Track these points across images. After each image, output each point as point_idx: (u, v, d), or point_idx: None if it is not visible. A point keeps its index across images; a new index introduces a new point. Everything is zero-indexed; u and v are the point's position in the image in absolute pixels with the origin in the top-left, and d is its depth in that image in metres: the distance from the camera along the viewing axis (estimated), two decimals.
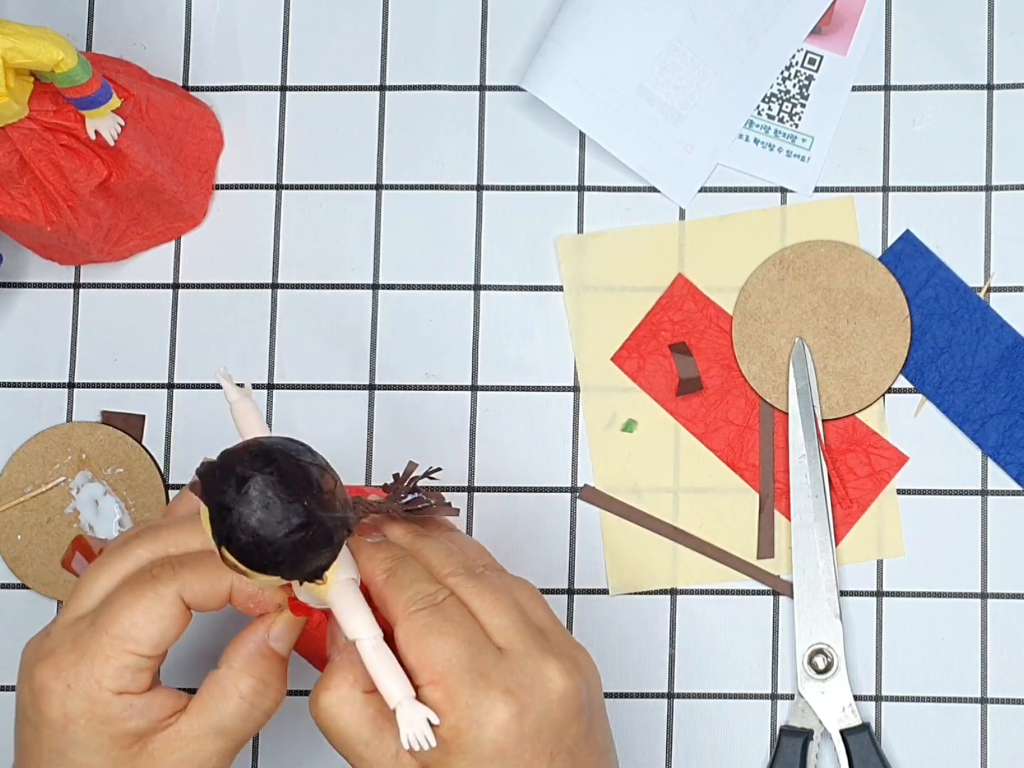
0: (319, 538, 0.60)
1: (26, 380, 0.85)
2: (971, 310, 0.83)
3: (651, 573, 0.83)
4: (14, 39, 0.70)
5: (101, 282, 0.86)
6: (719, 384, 0.83)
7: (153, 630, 0.64)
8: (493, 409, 0.84)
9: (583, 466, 0.83)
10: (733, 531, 0.83)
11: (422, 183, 0.85)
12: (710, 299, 0.84)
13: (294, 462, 0.60)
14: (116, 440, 0.84)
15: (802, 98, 0.85)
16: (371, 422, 0.84)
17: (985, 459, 0.82)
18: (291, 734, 0.82)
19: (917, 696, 0.82)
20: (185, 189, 0.83)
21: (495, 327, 0.84)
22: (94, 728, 0.64)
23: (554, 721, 0.64)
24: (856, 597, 0.82)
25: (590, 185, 0.85)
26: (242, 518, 0.59)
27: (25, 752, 0.65)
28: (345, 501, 0.62)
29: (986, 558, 0.82)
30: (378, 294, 0.85)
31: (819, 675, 0.81)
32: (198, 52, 0.87)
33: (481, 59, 0.86)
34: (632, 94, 0.84)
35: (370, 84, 0.86)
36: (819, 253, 0.84)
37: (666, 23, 0.84)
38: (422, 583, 0.65)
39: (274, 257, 0.86)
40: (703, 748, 0.82)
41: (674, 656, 0.82)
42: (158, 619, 0.64)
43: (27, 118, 0.74)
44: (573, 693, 0.64)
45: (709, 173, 0.85)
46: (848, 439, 0.83)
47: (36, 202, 0.77)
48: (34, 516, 0.84)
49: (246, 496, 0.59)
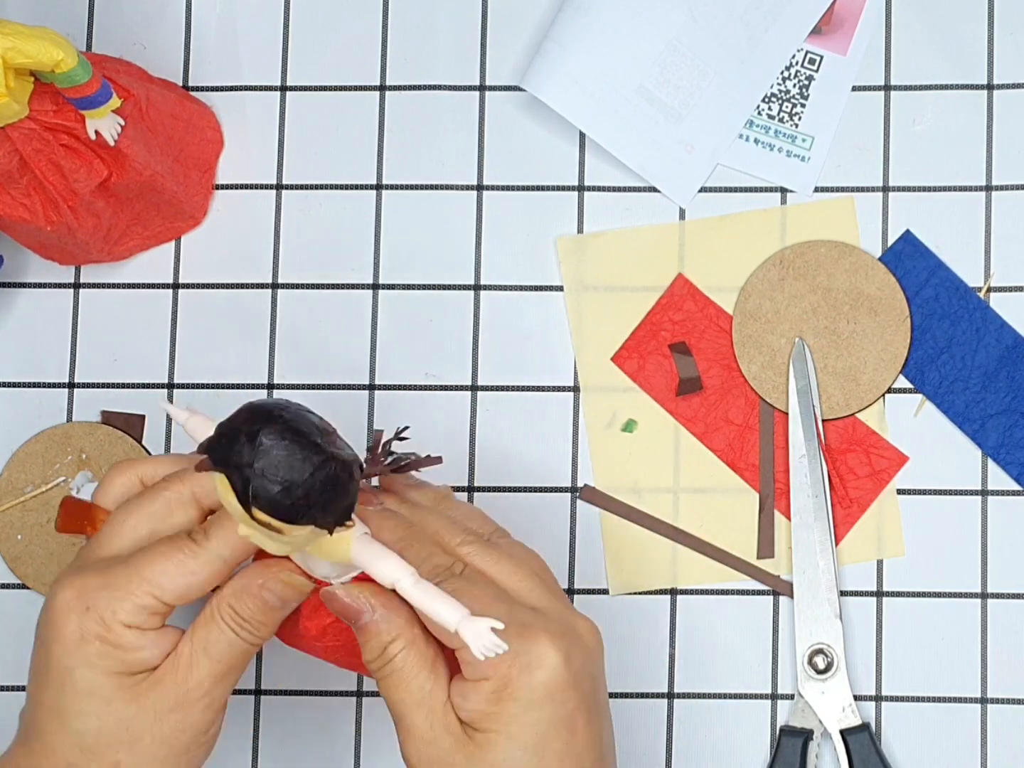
0: (341, 473, 0.61)
1: (26, 380, 0.85)
2: (971, 310, 0.83)
3: (651, 573, 0.83)
4: (14, 39, 0.70)
5: (101, 282, 0.86)
6: (719, 384, 0.83)
7: (181, 583, 0.66)
8: (493, 409, 0.84)
9: (583, 466, 0.83)
10: (733, 531, 0.83)
11: (422, 183, 0.85)
12: (710, 299, 0.84)
13: (293, 410, 0.61)
14: (116, 440, 0.84)
15: (802, 98, 0.85)
16: (371, 421, 0.84)
17: (985, 459, 0.82)
18: (291, 734, 0.82)
19: (917, 696, 0.82)
20: (185, 189, 0.83)
21: (495, 327, 0.84)
22: (106, 651, 0.66)
23: (590, 674, 0.67)
24: (856, 597, 0.82)
25: (590, 185, 0.85)
26: (265, 470, 0.60)
27: (36, 675, 0.68)
28: (344, 441, 0.63)
29: (986, 558, 0.82)
30: (378, 294, 0.85)
31: (819, 675, 0.81)
32: (198, 52, 0.87)
33: (481, 59, 0.86)
34: (632, 94, 0.84)
35: (370, 84, 0.86)
36: (819, 253, 0.84)
37: (666, 23, 0.84)
38: (437, 556, 0.68)
39: (274, 257, 0.86)
40: (703, 748, 0.82)
41: (674, 656, 0.82)
42: (189, 574, 0.66)
43: (27, 118, 0.74)
44: (600, 651, 0.68)
45: (709, 173, 0.85)
46: (848, 439, 0.83)
47: (36, 202, 0.77)
48: (34, 516, 0.84)
49: (262, 448, 0.60)
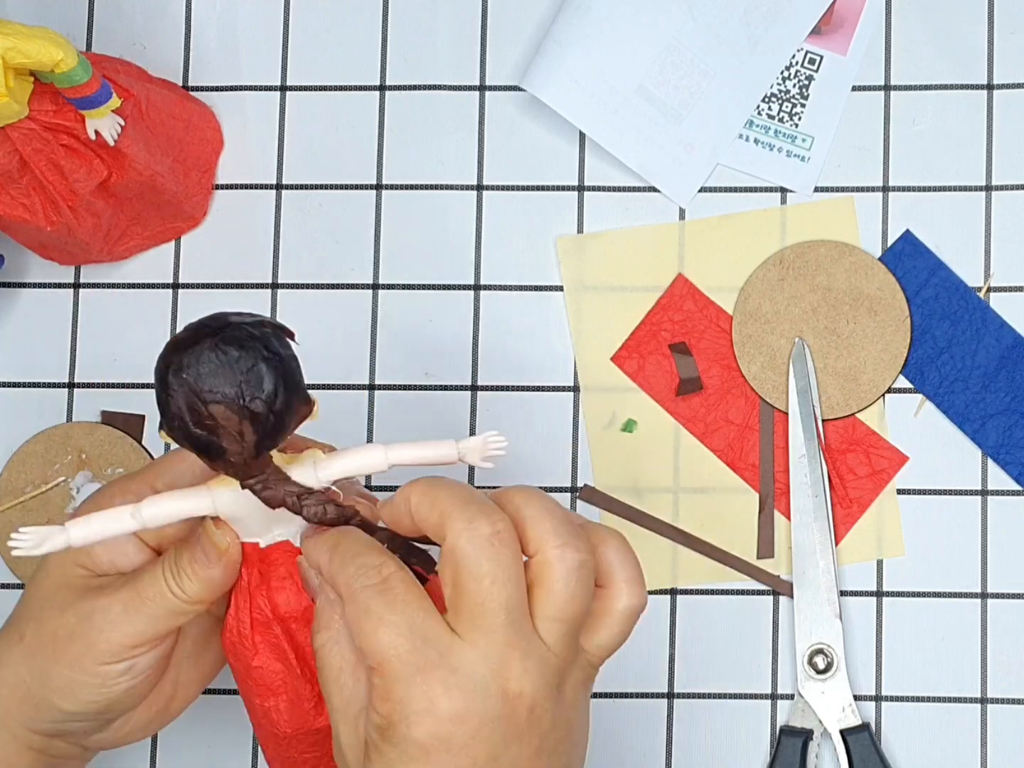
0: (290, 367, 0.58)
1: (26, 380, 0.85)
2: (971, 310, 0.83)
3: (651, 573, 0.83)
4: (14, 39, 0.70)
5: (101, 282, 0.86)
6: (719, 384, 0.83)
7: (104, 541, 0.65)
8: (493, 409, 0.84)
9: (583, 466, 0.83)
10: (733, 531, 0.83)
11: (422, 183, 0.85)
12: (710, 299, 0.84)
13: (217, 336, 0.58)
14: (116, 440, 0.84)
15: (802, 98, 0.85)
16: (371, 422, 0.84)
17: (985, 459, 0.82)
18: None
19: (917, 696, 0.82)
20: (185, 189, 0.83)
21: (495, 327, 0.84)
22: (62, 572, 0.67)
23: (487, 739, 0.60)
24: (856, 597, 0.82)
25: (590, 185, 0.85)
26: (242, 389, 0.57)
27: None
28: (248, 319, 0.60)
29: (986, 558, 0.82)
30: (378, 294, 0.85)
31: (819, 675, 0.81)
32: (198, 52, 0.87)
33: (481, 59, 0.86)
34: (632, 94, 0.84)
35: (370, 84, 0.86)
36: (819, 253, 0.84)
37: (666, 23, 0.84)
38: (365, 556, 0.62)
39: (274, 257, 0.86)
40: (703, 748, 0.82)
41: (674, 656, 0.82)
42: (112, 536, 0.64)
43: (27, 118, 0.74)
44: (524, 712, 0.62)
45: (709, 173, 0.85)
46: (848, 439, 0.83)
47: (36, 202, 0.77)
48: (34, 516, 0.84)
49: (202, 357, 0.57)
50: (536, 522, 0.60)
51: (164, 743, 0.83)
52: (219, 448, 0.59)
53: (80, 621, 0.66)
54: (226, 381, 0.58)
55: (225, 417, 0.58)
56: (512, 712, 0.59)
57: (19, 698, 0.67)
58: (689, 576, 0.83)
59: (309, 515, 0.62)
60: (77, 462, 0.84)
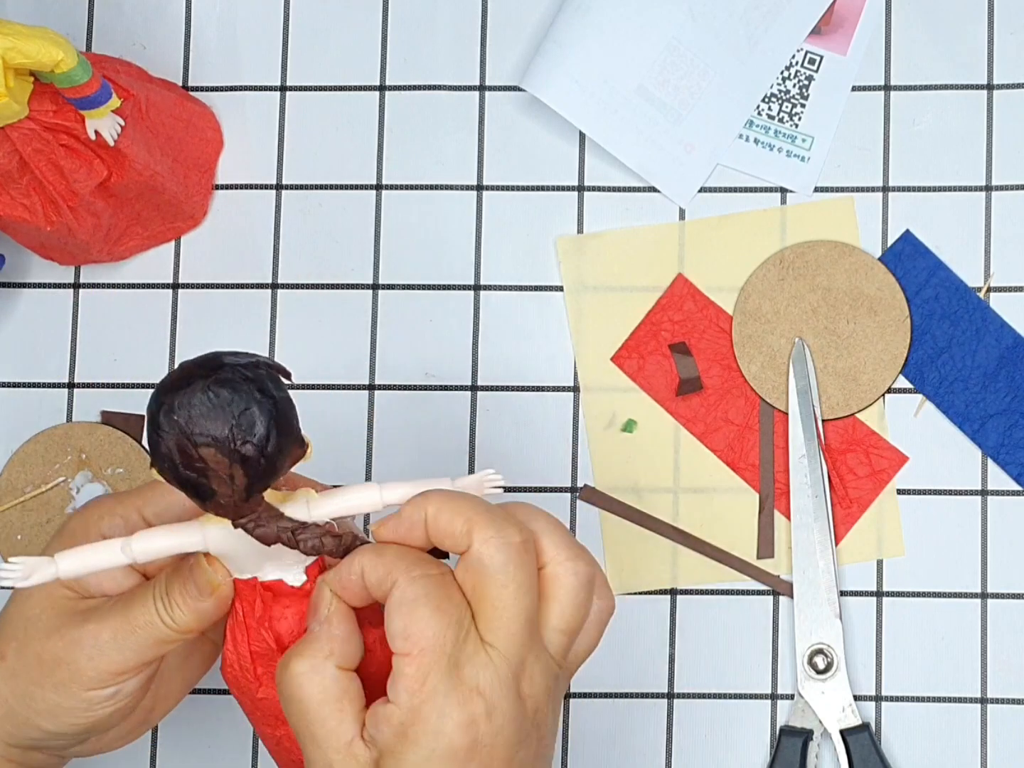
0: (284, 409, 0.58)
1: (26, 380, 0.85)
2: (971, 310, 0.83)
3: (651, 573, 0.83)
4: (14, 39, 0.70)
5: (101, 282, 0.86)
6: (719, 384, 0.83)
7: (87, 567, 0.64)
8: (493, 409, 0.84)
9: (583, 466, 0.83)
10: (733, 531, 0.83)
11: (422, 183, 0.85)
12: (710, 299, 0.84)
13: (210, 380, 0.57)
14: (116, 440, 0.84)
15: (802, 98, 0.85)
16: (371, 422, 0.84)
17: (985, 459, 0.82)
18: None
19: (917, 696, 0.82)
20: (185, 189, 0.83)
21: (495, 327, 0.84)
22: (47, 593, 0.67)
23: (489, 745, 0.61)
24: (856, 597, 0.82)
25: (590, 185, 0.85)
26: (234, 432, 0.56)
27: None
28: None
29: (986, 558, 0.82)
30: (378, 294, 0.85)
31: (819, 675, 0.81)
32: (198, 52, 0.87)
33: (481, 59, 0.86)
34: (632, 94, 0.84)
35: (370, 84, 0.86)
36: (819, 253, 0.84)
37: (666, 23, 0.84)
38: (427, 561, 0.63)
39: (274, 257, 0.86)
40: (703, 748, 0.82)
41: (674, 656, 0.82)
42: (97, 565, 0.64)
43: (27, 118, 0.74)
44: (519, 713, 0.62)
45: (709, 173, 0.85)
46: (848, 439, 0.83)
47: (36, 202, 0.77)
48: (34, 516, 0.84)
49: (193, 399, 0.56)
50: (545, 535, 0.62)
51: (164, 743, 0.83)
52: (209, 490, 0.58)
53: (67, 647, 0.65)
54: (217, 424, 0.57)
55: (215, 460, 0.57)
56: (523, 714, 0.60)
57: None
58: (689, 576, 0.83)
59: (306, 549, 0.61)
60: (77, 462, 0.84)
